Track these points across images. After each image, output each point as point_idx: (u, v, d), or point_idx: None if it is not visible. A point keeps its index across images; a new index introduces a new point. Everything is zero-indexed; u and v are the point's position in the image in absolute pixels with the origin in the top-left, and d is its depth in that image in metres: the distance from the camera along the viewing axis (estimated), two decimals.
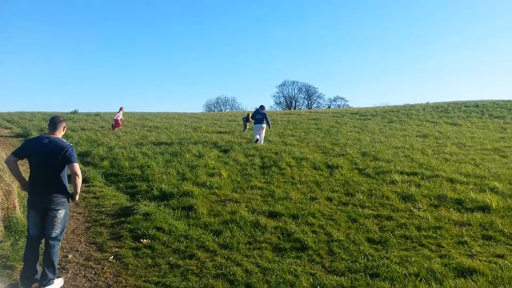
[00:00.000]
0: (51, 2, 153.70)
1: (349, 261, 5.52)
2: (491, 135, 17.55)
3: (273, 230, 6.70)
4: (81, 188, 9.38)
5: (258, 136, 14.77)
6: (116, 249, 6.01)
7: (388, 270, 5.15)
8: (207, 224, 6.95)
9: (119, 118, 19.70)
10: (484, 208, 7.53)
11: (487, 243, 6.11)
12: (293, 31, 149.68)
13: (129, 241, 6.26)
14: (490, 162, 11.62)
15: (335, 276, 5.08)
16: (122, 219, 7.24)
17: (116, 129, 19.27)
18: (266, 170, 10.70)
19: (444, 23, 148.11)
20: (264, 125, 14.90)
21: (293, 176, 10.08)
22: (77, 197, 4.88)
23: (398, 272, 5.07)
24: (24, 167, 7.82)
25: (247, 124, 18.83)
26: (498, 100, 30.60)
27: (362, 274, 5.11)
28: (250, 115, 18.26)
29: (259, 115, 14.90)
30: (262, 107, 15.49)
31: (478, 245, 6.02)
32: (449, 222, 6.92)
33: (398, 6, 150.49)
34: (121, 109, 20.09)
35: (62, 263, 5.53)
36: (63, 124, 4.98)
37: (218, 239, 6.32)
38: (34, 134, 17.33)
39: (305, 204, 7.98)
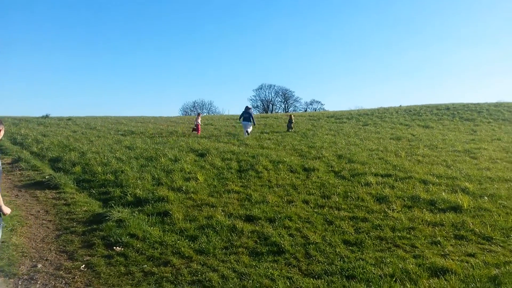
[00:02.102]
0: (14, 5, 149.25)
1: (325, 264, 5.53)
2: (462, 137, 18.06)
3: (250, 234, 6.65)
4: (51, 195, 9.22)
5: (246, 130, 18.17)
6: (88, 258, 5.83)
7: (364, 271, 5.18)
8: (183, 230, 6.84)
9: (198, 123, 20.43)
10: (456, 208, 7.71)
11: (459, 242, 6.25)
12: (269, 34, 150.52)
13: (101, 249, 6.09)
14: (461, 163, 11.93)
15: (311, 279, 5.07)
16: (94, 226, 7.04)
17: (198, 132, 19.99)
18: (243, 174, 10.65)
19: (416, 27, 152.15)
20: (251, 123, 18.40)
21: (270, 180, 10.07)
22: (3, 209, 4.24)
23: (374, 273, 5.11)
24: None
25: (291, 125, 21.02)
26: (468, 103, 31.57)
27: (338, 276, 5.12)
28: (293, 116, 21.96)
29: (247, 114, 18.24)
30: (248, 107, 18.76)
31: (451, 245, 6.15)
32: (423, 222, 7.05)
33: (371, 9, 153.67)
34: (198, 114, 21.52)
35: (31, 273, 5.32)
36: None
37: (194, 245, 6.22)
38: (3, 139, 16.74)
39: (282, 207, 7.97)
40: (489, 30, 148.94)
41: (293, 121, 21.47)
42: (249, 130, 18.60)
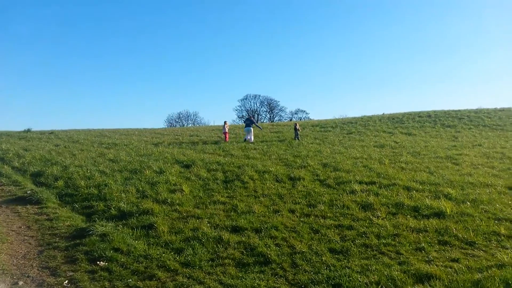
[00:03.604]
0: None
1: (312, 273, 5.54)
2: (444, 143, 18.36)
3: (236, 245, 6.63)
4: (33, 210, 9.03)
5: (248, 136, 20.20)
6: (71, 273, 5.73)
7: (350, 279, 5.20)
8: (168, 243, 6.77)
9: (226, 131, 21.45)
10: (439, 214, 7.82)
11: (443, 248, 6.33)
12: (253, 45, 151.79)
13: (85, 264, 5.99)
14: (444, 169, 12.12)
15: None
16: (78, 241, 6.92)
17: (226, 139, 21.05)
18: (229, 184, 10.63)
19: (397, 37, 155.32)
20: (252, 128, 20.68)
21: (256, 190, 10.06)
22: None
23: (360, 281, 5.14)
24: None
25: (298, 132, 21.36)
26: (449, 110, 32.08)
27: (325, 285, 5.13)
28: (298, 124, 22.91)
29: (248, 121, 21.07)
30: (249, 115, 23.74)
31: (435, 251, 6.22)
32: (407, 229, 7.12)
33: (354, 19, 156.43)
34: (225, 122, 22.04)
35: None
36: None
37: (179, 258, 6.17)
38: None
39: (268, 217, 7.97)
40: (467, 39, 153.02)
41: (298, 128, 21.79)
42: (252, 135, 20.58)
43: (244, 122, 22.63)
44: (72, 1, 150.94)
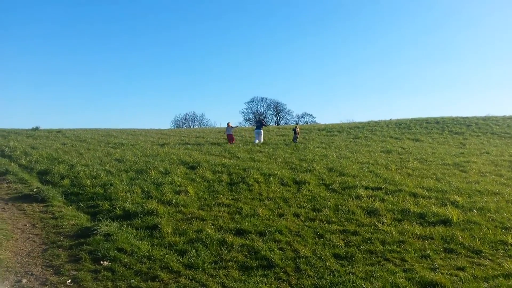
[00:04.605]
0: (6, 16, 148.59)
1: (315, 278, 5.50)
2: (451, 150, 18.21)
3: (239, 248, 6.61)
4: (39, 208, 9.08)
5: (257, 139, 20.84)
6: (74, 272, 5.74)
7: (354, 285, 5.16)
8: (172, 244, 6.77)
9: (231, 133, 21.54)
10: (446, 222, 7.74)
11: (449, 256, 6.26)
12: (261, 48, 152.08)
13: (88, 264, 6.00)
14: (451, 176, 12.02)
15: None
16: (82, 240, 6.94)
17: (233, 141, 21.09)
18: (233, 187, 10.61)
19: (403, 41, 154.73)
20: (262, 131, 21.42)
21: (261, 193, 10.04)
22: None
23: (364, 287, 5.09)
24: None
25: (297, 136, 21.60)
26: (457, 116, 31.86)
27: None
28: (298, 127, 22.89)
29: (258, 124, 22.23)
30: (260, 119, 25.91)
31: (440, 258, 6.16)
32: (412, 236, 7.06)
33: (362, 22, 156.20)
34: (228, 124, 21.81)
35: None
36: None
37: (182, 259, 6.16)
38: None
39: (273, 221, 7.94)
40: (477, 45, 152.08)
41: (297, 131, 21.85)
42: (262, 137, 21.26)
43: (255, 124, 24.55)
44: (80, 1, 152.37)
